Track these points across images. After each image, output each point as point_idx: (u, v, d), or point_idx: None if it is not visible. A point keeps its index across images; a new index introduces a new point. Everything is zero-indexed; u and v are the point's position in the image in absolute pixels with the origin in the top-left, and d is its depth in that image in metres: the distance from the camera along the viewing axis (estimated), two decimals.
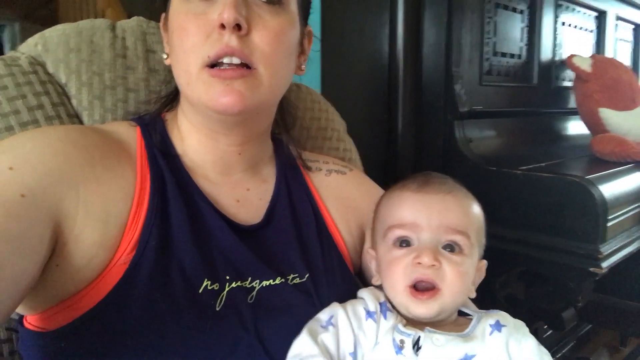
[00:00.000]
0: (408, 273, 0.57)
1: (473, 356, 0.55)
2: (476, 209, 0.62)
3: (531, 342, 0.57)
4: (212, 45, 0.56)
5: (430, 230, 0.58)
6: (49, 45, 0.70)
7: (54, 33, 0.71)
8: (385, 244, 0.61)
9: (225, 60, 0.56)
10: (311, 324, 0.57)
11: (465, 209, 0.60)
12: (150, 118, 0.67)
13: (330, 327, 0.56)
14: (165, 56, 0.65)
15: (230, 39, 0.55)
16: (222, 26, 0.55)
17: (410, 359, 0.54)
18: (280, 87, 0.63)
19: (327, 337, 0.55)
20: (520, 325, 0.59)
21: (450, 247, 0.58)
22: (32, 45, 0.70)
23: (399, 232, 0.59)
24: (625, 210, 1.28)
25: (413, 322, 0.58)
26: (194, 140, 0.65)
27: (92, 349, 0.51)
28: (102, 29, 0.73)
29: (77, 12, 2.45)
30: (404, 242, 0.59)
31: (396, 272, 0.58)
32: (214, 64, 0.56)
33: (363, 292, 0.62)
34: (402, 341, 0.55)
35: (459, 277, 0.57)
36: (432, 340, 0.55)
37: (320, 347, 0.54)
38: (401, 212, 0.60)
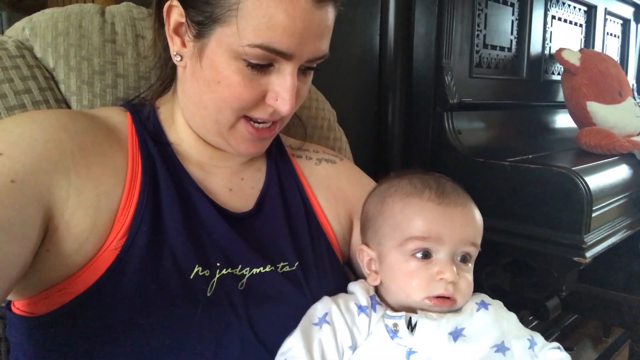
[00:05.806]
0: (430, 287, 0.57)
1: (462, 329, 0.56)
2: (480, 217, 0.63)
3: (514, 316, 0.62)
4: (257, 112, 0.59)
5: (452, 244, 0.58)
6: (37, 29, 0.69)
7: (42, 17, 0.70)
8: (402, 253, 0.60)
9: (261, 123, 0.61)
10: (305, 321, 0.57)
11: (478, 220, 0.61)
12: (141, 104, 0.66)
13: (325, 325, 0.56)
14: (178, 58, 0.60)
15: (276, 114, 0.60)
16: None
17: (406, 340, 0.55)
18: None
19: (324, 336, 0.56)
20: (501, 303, 0.63)
21: (464, 258, 0.60)
22: (20, 30, 0.69)
23: (420, 244, 0.58)
24: (609, 201, 1.30)
25: (399, 310, 0.59)
26: (191, 137, 0.65)
27: (81, 334, 0.51)
28: (91, 13, 0.72)
29: (66, 1, 2.41)
30: (423, 254, 0.59)
31: (415, 284, 0.58)
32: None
33: (354, 286, 0.62)
34: (395, 325, 0.56)
35: (470, 286, 0.60)
36: (426, 315, 0.56)
37: (309, 350, 0.54)
38: (425, 224, 0.59)
